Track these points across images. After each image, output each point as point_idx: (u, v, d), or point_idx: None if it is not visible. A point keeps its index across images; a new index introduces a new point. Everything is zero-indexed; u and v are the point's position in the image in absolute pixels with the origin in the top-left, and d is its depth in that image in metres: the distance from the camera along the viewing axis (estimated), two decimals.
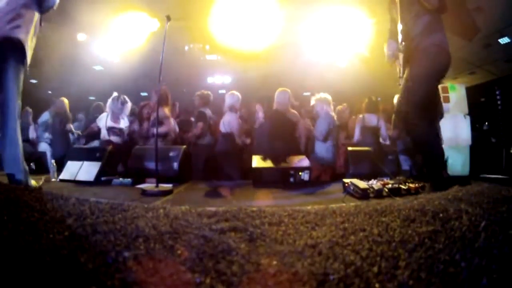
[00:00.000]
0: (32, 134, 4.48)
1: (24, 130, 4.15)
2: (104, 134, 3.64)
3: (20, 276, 0.60)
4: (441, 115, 2.34)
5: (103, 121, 3.69)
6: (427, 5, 2.11)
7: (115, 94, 3.73)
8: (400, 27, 2.21)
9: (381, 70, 3.02)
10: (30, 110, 4.59)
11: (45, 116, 4.48)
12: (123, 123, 3.77)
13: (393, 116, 3.77)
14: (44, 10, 2.06)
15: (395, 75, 2.40)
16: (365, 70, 5.16)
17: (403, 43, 2.20)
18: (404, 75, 2.21)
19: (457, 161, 3.51)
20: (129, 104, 3.79)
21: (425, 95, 2.12)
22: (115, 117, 3.71)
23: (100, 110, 4.20)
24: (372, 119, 3.90)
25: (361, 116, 4.01)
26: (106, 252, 0.73)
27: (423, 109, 2.09)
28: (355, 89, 5.64)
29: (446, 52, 2.15)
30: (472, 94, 4.55)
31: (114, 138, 3.64)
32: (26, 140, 4.44)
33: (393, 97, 3.83)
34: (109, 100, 3.72)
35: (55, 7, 2.09)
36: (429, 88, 2.15)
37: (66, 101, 4.49)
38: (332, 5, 4.27)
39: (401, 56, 2.25)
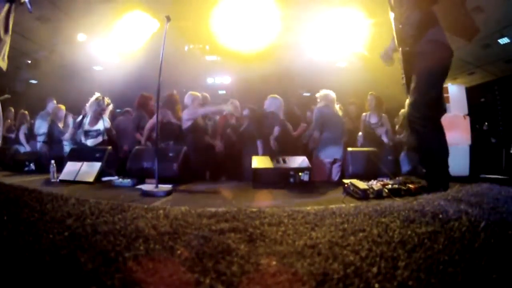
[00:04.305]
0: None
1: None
2: (80, 137, 3.60)
3: (20, 276, 0.60)
4: (444, 110, 2.28)
5: (82, 123, 3.63)
6: None
7: (97, 94, 3.68)
8: (395, 27, 2.19)
9: (381, 70, 3.02)
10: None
11: (43, 126, 4.44)
12: (102, 124, 3.68)
13: (401, 116, 3.77)
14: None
15: (395, 75, 2.37)
16: (366, 71, 5.16)
17: (400, 48, 2.17)
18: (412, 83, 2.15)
19: (457, 161, 3.51)
20: (110, 106, 3.76)
21: (432, 95, 2.05)
22: (95, 119, 3.64)
23: None
24: (373, 119, 3.92)
25: (363, 115, 4.03)
26: (106, 252, 0.73)
27: (429, 108, 2.03)
28: (356, 90, 5.64)
29: (444, 45, 2.08)
30: (472, 94, 4.55)
31: (90, 142, 3.58)
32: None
33: (393, 97, 3.84)
34: (91, 100, 3.65)
35: None
36: (435, 86, 2.08)
37: (63, 107, 4.46)
38: (332, 5, 4.27)
39: (395, 54, 2.21)
